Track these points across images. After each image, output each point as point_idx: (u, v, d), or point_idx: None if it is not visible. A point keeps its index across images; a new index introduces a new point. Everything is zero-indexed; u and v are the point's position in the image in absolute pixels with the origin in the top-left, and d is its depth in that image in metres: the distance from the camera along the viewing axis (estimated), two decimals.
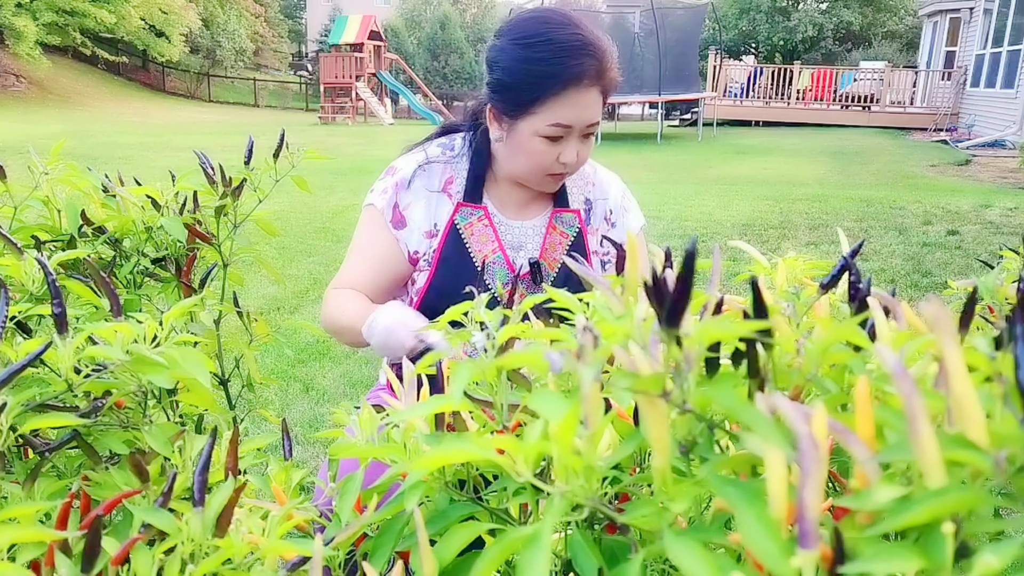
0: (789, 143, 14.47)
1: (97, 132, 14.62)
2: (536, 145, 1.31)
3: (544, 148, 1.31)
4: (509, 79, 1.29)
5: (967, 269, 5.10)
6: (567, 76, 1.25)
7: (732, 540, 0.39)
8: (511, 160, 1.38)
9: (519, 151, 1.34)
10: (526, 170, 1.37)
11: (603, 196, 1.53)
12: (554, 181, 1.39)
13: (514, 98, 1.29)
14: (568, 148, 1.32)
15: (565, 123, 1.28)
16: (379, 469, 0.58)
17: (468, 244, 1.41)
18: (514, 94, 1.29)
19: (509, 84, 1.29)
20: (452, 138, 1.49)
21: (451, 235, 1.41)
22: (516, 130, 1.32)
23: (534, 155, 1.32)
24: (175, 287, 0.99)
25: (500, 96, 1.32)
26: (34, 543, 0.50)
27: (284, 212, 7.07)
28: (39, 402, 0.59)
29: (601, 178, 1.55)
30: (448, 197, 1.44)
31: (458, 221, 1.41)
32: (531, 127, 1.29)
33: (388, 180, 1.45)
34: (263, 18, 32.56)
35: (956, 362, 0.35)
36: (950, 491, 0.33)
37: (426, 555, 0.47)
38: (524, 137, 1.31)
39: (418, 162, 1.45)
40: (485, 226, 1.42)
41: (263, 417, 1.02)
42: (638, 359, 0.40)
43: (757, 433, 0.36)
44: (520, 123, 1.30)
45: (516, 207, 1.47)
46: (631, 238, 0.54)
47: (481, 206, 1.43)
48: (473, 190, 1.43)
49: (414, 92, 24.22)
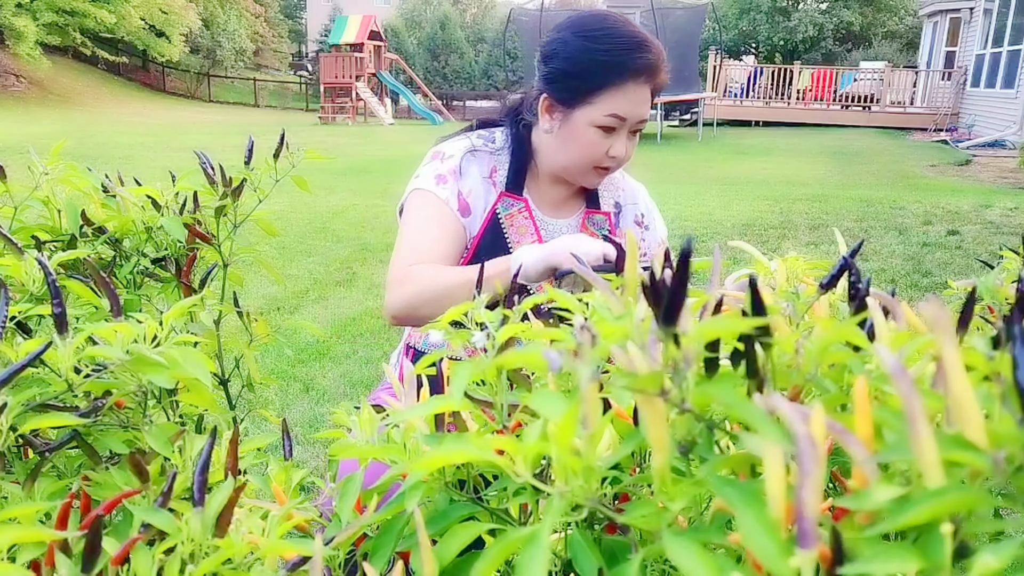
0: (789, 143, 14.47)
1: (97, 132, 14.62)
2: (590, 135, 1.34)
3: (597, 139, 1.34)
4: (572, 68, 1.32)
5: (967, 269, 5.10)
6: (629, 68, 1.30)
7: (731, 540, 0.39)
8: (560, 151, 1.39)
9: (572, 141, 1.36)
10: (575, 161, 1.38)
11: (633, 201, 1.58)
12: (598, 175, 1.41)
13: (575, 86, 1.33)
14: (619, 142, 1.35)
15: (621, 114, 1.32)
16: (379, 469, 0.58)
17: (507, 234, 1.43)
18: (575, 82, 1.32)
19: (571, 73, 1.33)
20: (491, 131, 1.50)
21: (492, 224, 1.42)
22: (571, 119, 1.34)
23: (587, 146, 1.35)
24: (175, 287, 0.99)
25: (559, 85, 1.35)
26: (34, 543, 0.50)
27: (284, 212, 7.07)
28: (39, 402, 0.59)
29: (630, 184, 1.60)
30: (493, 185, 1.44)
31: (500, 211, 1.43)
32: (588, 116, 1.32)
33: (439, 166, 1.43)
34: (263, 18, 32.57)
35: (954, 362, 0.35)
36: (949, 491, 0.33)
37: (426, 555, 0.47)
38: (580, 126, 1.34)
39: (466, 148, 1.45)
40: (525, 218, 1.44)
41: (263, 417, 1.02)
42: (636, 358, 0.40)
43: (756, 430, 0.36)
44: (576, 112, 1.33)
45: (552, 204, 1.49)
46: (630, 237, 0.54)
47: (522, 198, 1.45)
48: (515, 182, 1.44)
49: (414, 92, 24.23)
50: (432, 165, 1.44)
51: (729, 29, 25.85)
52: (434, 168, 1.43)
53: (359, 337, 4.04)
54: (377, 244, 6.00)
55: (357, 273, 5.27)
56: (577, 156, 1.37)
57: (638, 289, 0.49)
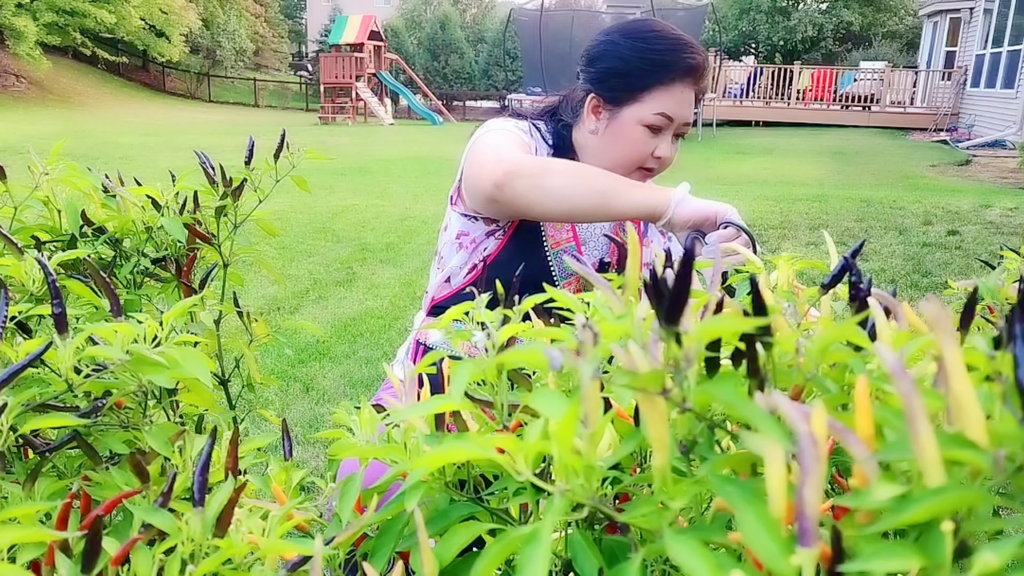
0: (789, 143, 14.48)
1: (97, 132, 14.62)
2: (637, 134, 1.36)
3: (644, 138, 1.36)
4: (622, 67, 1.35)
5: (967, 269, 5.10)
6: (680, 67, 1.33)
7: (732, 539, 0.39)
8: (605, 150, 1.40)
9: (619, 139, 1.37)
10: (620, 159, 1.39)
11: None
12: (641, 177, 1.42)
13: (625, 84, 1.35)
14: (664, 143, 1.37)
15: (669, 114, 1.34)
16: (379, 469, 0.58)
17: (544, 225, 1.44)
18: (626, 80, 1.35)
19: (622, 71, 1.35)
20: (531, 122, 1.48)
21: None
22: (619, 118, 1.36)
23: (633, 144, 1.36)
24: (175, 287, 0.99)
25: (608, 84, 1.37)
26: (34, 543, 0.50)
27: (284, 212, 7.07)
28: (39, 402, 0.59)
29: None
30: None
31: None
32: (636, 114, 1.34)
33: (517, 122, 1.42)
34: (263, 18, 32.58)
35: (955, 361, 0.35)
36: (949, 490, 0.33)
37: (426, 555, 0.47)
38: (627, 124, 1.36)
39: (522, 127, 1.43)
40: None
41: (263, 417, 1.02)
42: (637, 357, 0.40)
43: (758, 429, 0.36)
44: (625, 110, 1.35)
45: None
46: (632, 237, 0.54)
47: None
48: None
49: (414, 92, 24.23)
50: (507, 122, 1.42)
51: (729, 29, 25.85)
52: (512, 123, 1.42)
53: (359, 337, 4.04)
54: (377, 244, 6.00)
55: (357, 273, 5.27)
56: (623, 154, 1.38)
57: (639, 289, 0.49)
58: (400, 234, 6.36)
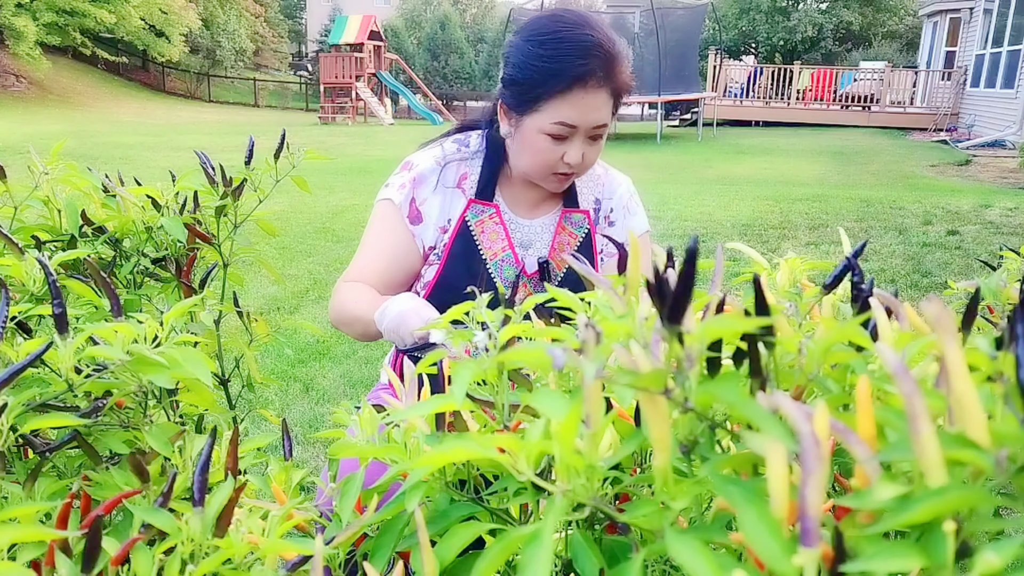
0: (789, 143, 14.47)
1: (97, 132, 14.62)
2: (541, 143, 1.31)
3: (548, 146, 1.31)
4: (519, 75, 1.31)
5: (967, 269, 5.10)
6: (572, 75, 1.25)
7: (733, 539, 0.39)
8: (518, 156, 1.39)
9: (525, 148, 1.35)
10: (531, 167, 1.37)
11: (609, 196, 1.54)
12: (559, 181, 1.39)
13: (522, 94, 1.31)
14: (573, 148, 1.32)
15: (569, 123, 1.28)
16: (380, 469, 0.58)
17: (478, 241, 1.43)
18: (522, 90, 1.30)
19: (518, 80, 1.31)
20: (468, 135, 1.50)
21: (462, 231, 1.42)
22: (523, 126, 1.33)
23: (539, 153, 1.33)
24: (175, 287, 0.99)
25: (510, 92, 1.33)
26: (34, 543, 0.50)
27: (284, 212, 7.07)
28: (40, 402, 0.59)
29: (612, 177, 1.56)
30: (462, 193, 1.45)
31: (469, 218, 1.42)
32: (536, 124, 1.30)
33: (405, 175, 1.45)
34: (263, 18, 32.56)
35: (957, 361, 0.35)
36: (951, 490, 0.33)
37: (427, 555, 0.47)
38: (530, 134, 1.32)
39: (435, 158, 1.45)
40: (496, 224, 1.44)
41: (263, 417, 1.02)
42: (639, 357, 0.40)
43: (760, 429, 0.36)
44: (526, 119, 1.32)
45: (527, 206, 1.48)
46: (633, 238, 0.54)
47: (493, 204, 1.44)
48: (486, 187, 1.44)
49: (414, 92, 24.22)
50: (399, 175, 1.46)
51: (729, 29, 25.86)
52: (400, 178, 1.45)
53: None
54: None
55: None
56: (532, 163, 1.36)
57: (640, 289, 0.49)
58: None
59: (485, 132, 1.47)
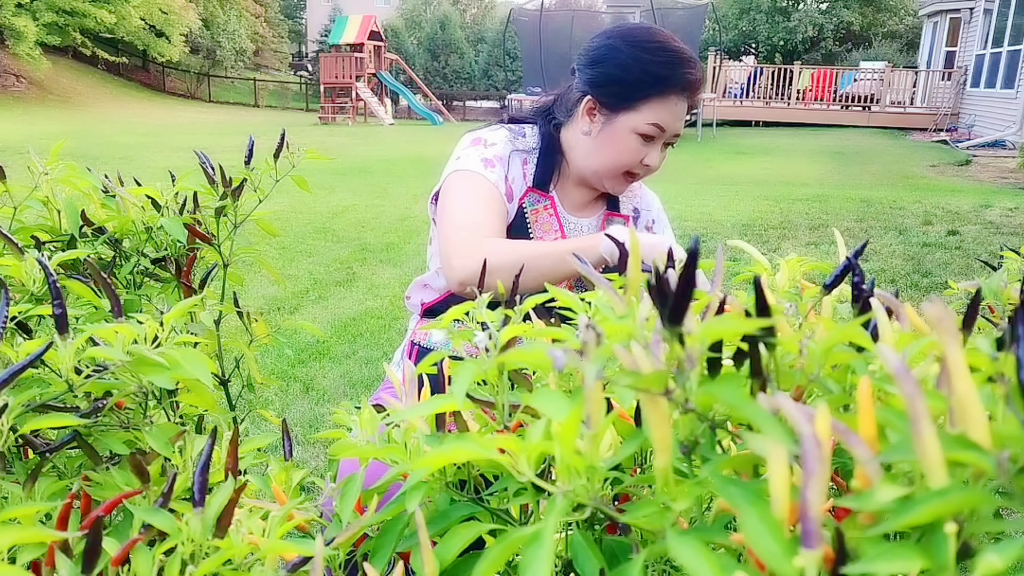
0: (789, 143, 14.48)
1: (97, 132, 14.61)
2: (630, 141, 1.38)
3: (635, 146, 1.39)
4: (623, 75, 1.37)
5: (967, 269, 5.10)
6: (677, 82, 1.35)
7: (734, 540, 0.39)
8: (595, 154, 1.43)
9: (610, 144, 1.40)
10: (608, 164, 1.42)
11: (647, 207, 1.64)
12: (625, 182, 1.45)
13: (624, 92, 1.37)
14: (655, 151, 1.41)
15: (662, 125, 1.37)
16: (380, 469, 0.58)
17: (531, 228, 1.46)
18: (624, 88, 1.37)
19: (621, 79, 1.37)
20: (522, 127, 1.52)
21: (517, 216, 1.45)
22: (614, 124, 1.39)
23: (624, 151, 1.39)
24: (175, 287, 0.99)
25: (607, 90, 1.38)
26: (34, 543, 0.50)
27: (284, 212, 7.07)
28: (40, 403, 0.59)
29: (646, 192, 1.66)
30: (524, 178, 1.48)
31: (526, 205, 1.46)
32: (631, 122, 1.37)
33: (484, 151, 1.44)
34: (263, 18, 32.57)
35: (958, 362, 0.35)
36: (952, 491, 0.33)
37: (427, 555, 0.47)
38: (621, 131, 1.38)
39: (508, 138, 1.47)
40: (550, 215, 1.48)
41: (263, 417, 1.02)
42: (640, 357, 0.40)
43: (761, 429, 0.36)
44: (621, 117, 1.38)
45: (576, 205, 1.53)
46: (633, 237, 0.54)
47: (549, 195, 1.48)
48: (543, 179, 1.48)
49: (414, 92, 24.23)
50: (475, 150, 1.45)
51: (729, 29, 25.85)
52: (479, 152, 1.44)
53: (359, 337, 4.04)
54: (377, 244, 6.00)
55: (357, 273, 5.27)
56: (612, 159, 1.41)
57: (640, 289, 0.49)
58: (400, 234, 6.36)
59: (540, 128, 1.50)
